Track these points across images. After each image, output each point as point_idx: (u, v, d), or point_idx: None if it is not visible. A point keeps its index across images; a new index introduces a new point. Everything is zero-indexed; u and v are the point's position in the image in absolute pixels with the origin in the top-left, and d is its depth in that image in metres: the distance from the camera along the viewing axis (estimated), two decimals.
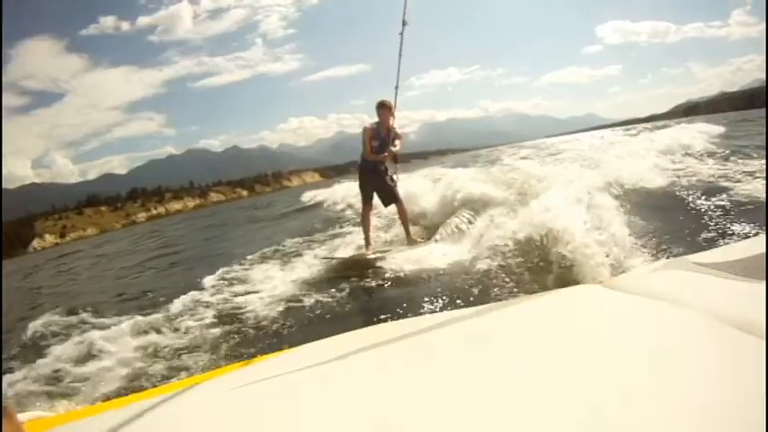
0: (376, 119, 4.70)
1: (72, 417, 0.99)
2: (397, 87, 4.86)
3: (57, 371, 2.88)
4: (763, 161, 5.45)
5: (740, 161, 5.90)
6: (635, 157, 6.40)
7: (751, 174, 4.91)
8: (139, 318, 3.60)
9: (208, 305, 3.75)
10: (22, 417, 0.94)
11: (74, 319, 4.17)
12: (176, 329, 3.33)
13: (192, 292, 4.16)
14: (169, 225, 24.74)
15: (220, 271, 4.98)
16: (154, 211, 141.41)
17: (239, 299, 3.78)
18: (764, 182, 4.40)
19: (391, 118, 4.71)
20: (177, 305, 3.87)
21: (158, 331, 3.32)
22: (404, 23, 4.61)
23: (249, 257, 5.56)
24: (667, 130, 9.63)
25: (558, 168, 6.30)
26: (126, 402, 0.98)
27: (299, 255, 5.20)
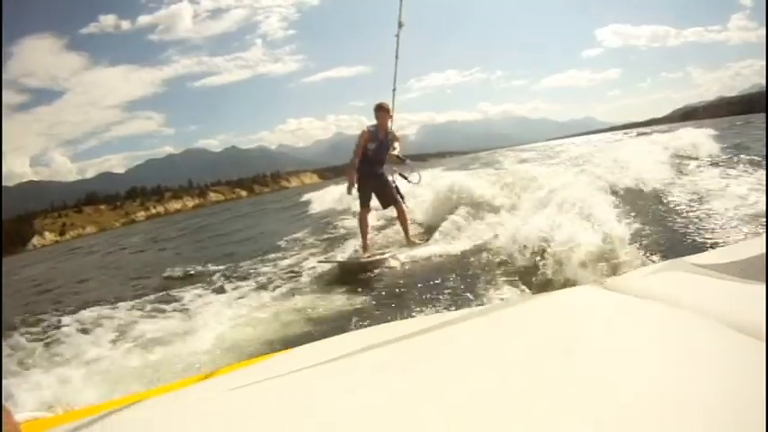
0: (374, 121, 4.71)
1: (70, 417, 0.98)
2: (394, 90, 4.84)
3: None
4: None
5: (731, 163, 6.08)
6: (631, 160, 6.45)
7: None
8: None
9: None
10: (19, 417, 0.94)
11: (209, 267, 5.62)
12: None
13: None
14: (179, 222, 25.18)
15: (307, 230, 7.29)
16: (153, 211, 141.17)
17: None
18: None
19: (389, 120, 4.72)
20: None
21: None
22: (400, 25, 4.58)
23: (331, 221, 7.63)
24: (665, 134, 9.73)
25: (555, 171, 6.35)
26: (125, 402, 0.97)
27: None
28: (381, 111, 4.64)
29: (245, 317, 3.41)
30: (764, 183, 4.44)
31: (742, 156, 6.51)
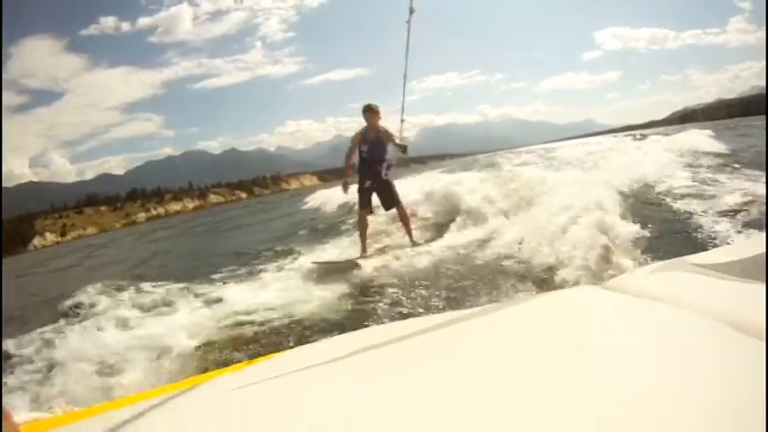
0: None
1: (70, 418, 0.98)
2: (405, 77, 4.84)
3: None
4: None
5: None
6: (630, 161, 6.51)
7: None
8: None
9: None
10: (18, 419, 0.93)
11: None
12: None
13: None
14: (190, 221, 25.68)
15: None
16: (153, 212, 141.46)
17: None
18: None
19: (379, 119, 4.72)
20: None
21: None
22: (411, 11, 4.52)
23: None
24: (664, 136, 9.81)
25: (555, 173, 6.37)
26: (125, 403, 0.97)
27: None
28: (369, 112, 4.67)
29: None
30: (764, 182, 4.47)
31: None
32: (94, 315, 3.87)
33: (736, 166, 6.25)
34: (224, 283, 4.33)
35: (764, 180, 4.53)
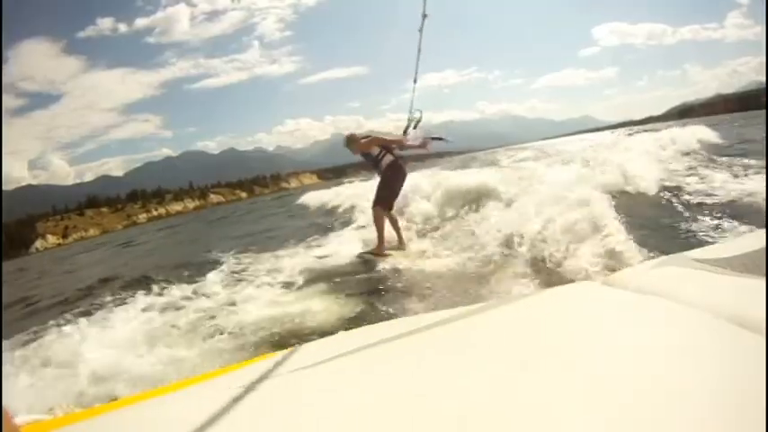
0: (373, 121, 4.75)
1: (70, 419, 0.98)
2: (415, 81, 5.06)
3: None
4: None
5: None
6: (628, 157, 6.53)
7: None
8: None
9: None
10: (19, 420, 0.93)
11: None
12: None
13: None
14: (198, 219, 25.43)
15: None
16: (154, 213, 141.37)
17: None
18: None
19: (362, 142, 4.66)
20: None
21: None
22: (424, 16, 4.51)
23: None
24: (660, 132, 9.81)
25: (552, 169, 6.38)
26: (125, 404, 0.97)
27: None
28: (350, 144, 4.69)
29: None
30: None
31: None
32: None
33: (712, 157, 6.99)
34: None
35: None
